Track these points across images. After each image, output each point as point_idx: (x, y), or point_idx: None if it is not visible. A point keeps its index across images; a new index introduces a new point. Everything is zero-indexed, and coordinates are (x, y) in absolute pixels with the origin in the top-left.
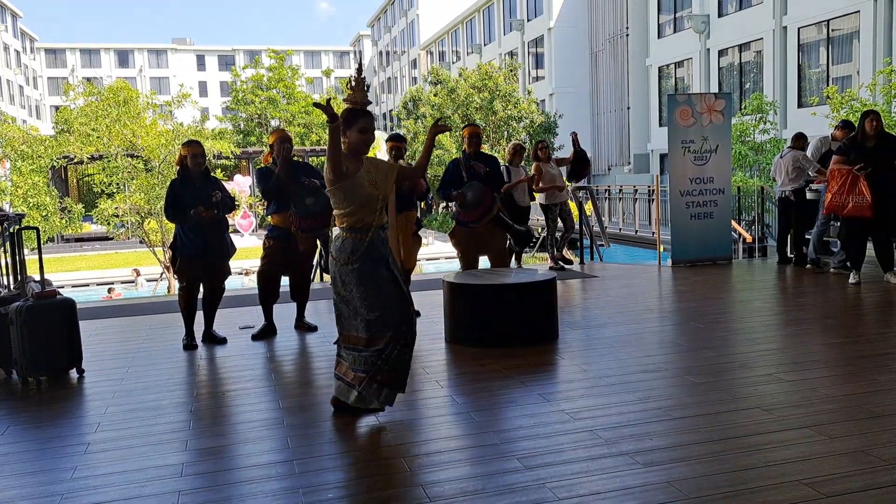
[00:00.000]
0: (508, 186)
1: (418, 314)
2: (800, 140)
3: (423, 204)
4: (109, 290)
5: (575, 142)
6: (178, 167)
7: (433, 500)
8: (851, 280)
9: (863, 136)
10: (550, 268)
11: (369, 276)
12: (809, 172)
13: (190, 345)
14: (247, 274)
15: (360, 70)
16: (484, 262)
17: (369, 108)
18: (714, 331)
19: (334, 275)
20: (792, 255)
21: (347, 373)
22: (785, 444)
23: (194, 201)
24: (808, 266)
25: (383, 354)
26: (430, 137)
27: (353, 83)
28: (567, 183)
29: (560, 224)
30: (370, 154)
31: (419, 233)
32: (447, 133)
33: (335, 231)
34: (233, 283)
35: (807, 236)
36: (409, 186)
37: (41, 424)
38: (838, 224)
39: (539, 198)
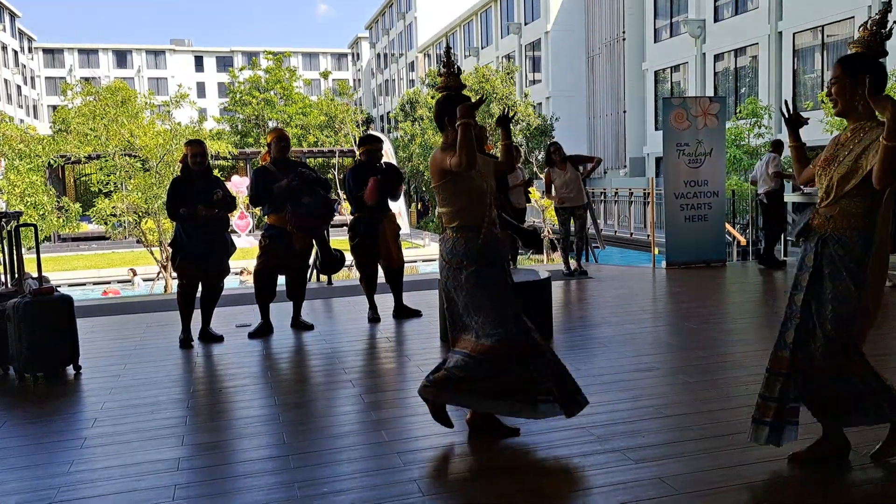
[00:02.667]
0: (504, 189)
1: (419, 314)
2: (778, 146)
3: (419, 206)
4: (104, 291)
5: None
6: (180, 165)
7: (426, 495)
8: None
9: None
10: (565, 273)
11: (485, 280)
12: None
13: (187, 342)
14: (245, 273)
15: (448, 53)
16: None
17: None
18: (707, 331)
19: (447, 282)
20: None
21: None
22: None
23: (195, 200)
24: None
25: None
26: (504, 132)
27: (444, 68)
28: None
29: (573, 228)
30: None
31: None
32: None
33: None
34: (231, 283)
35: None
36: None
37: (38, 420)
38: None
39: (554, 201)
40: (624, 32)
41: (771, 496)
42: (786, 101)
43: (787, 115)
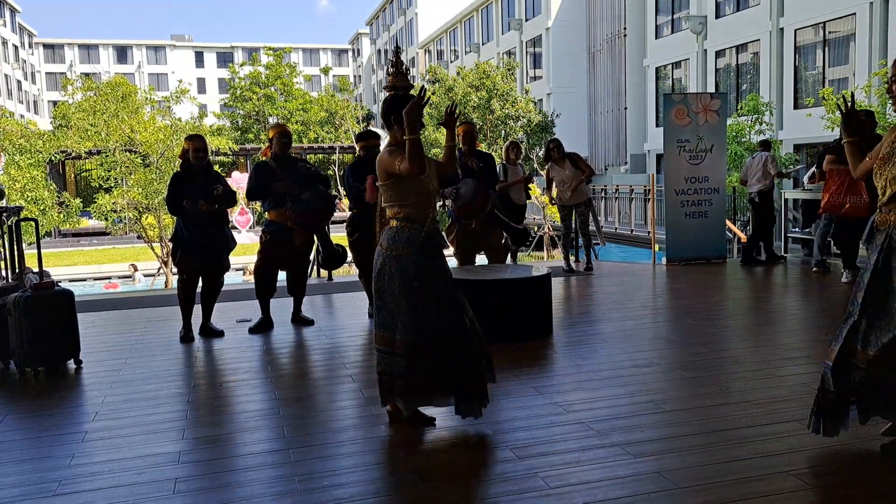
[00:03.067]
0: (504, 186)
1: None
2: (767, 145)
3: None
4: (105, 286)
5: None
6: (180, 160)
7: (426, 489)
8: (844, 279)
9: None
10: (565, 270)
11: (424, 271)
12: (804, 180)
13: (187, 337)
14: (247, 273)
15: (398, 53)
16: (480, 259)
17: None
18: (706, 327)
19: (381, 266)
20: (762, 256)
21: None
22: (774, 436)
23: (196, 195)
24: (814, 270)
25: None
26: (449, 133)
27: (392, 67)
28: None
29: (575, 227)
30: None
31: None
32: (444, 131)
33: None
34: (231, 279)
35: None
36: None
37: (39, 413)
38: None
39: (554, 198)
40: (625, 28)
41: (769, 491)
42: (843, 95)
43: (844, 110)
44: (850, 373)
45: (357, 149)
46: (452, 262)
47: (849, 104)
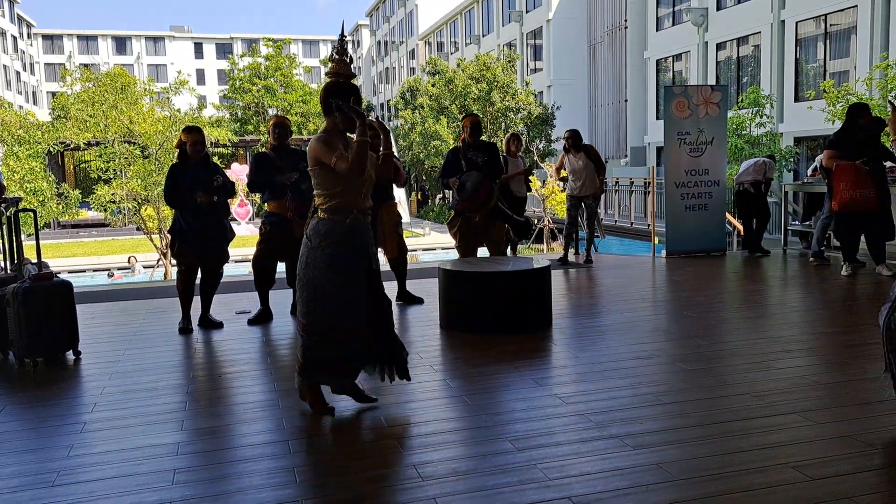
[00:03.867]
0: (504, 178)
1: (421, 301)
2: (773, 159)
3: (419, 195)
4: (110, 276)
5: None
6: (177, 151)
7: (425, 480)
8: (844, 272)
9: (854, 129)
10: (558, 261)
11: (340, 265)
12: (808, 172)
13: (186, 328)
14: (251, 274)
15: (342, 40)
16: (482, 252)
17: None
18: (706, 320)
19: (303, 257)
20: (766, 249)
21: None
22: (773, 428)
23: (195, 186)
24: (811, 260)
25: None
26: (385, 141)
27: (337, 55)
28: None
29: (582, 219)
30: None
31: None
32: (444, 123)
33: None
34: (231, 270)
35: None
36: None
37: (38, 404)
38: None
39: (567, 188)
40: (626, 21)
41: (768, 483)
42: (891, 101)
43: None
44: None
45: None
46: (451, 255)
47: None
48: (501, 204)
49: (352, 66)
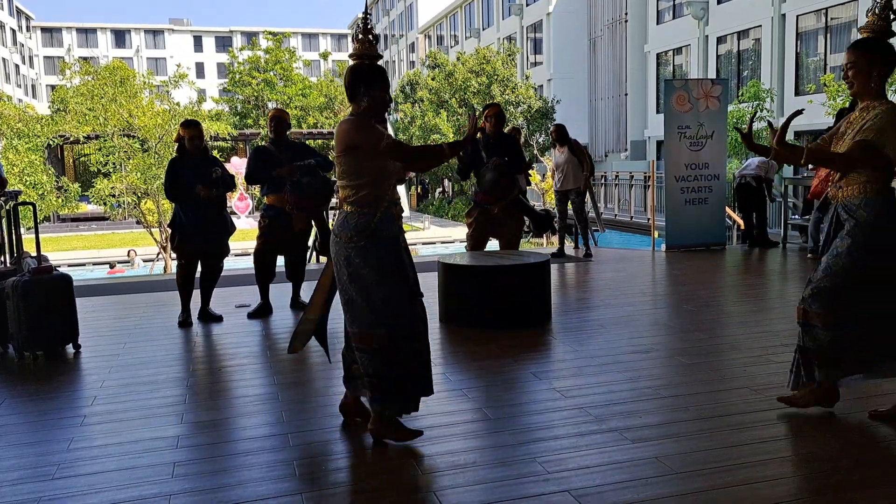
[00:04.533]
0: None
1: (421, 295)
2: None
3: (419, 189)
4: (112, 267)
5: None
6: (176, 145)
7: (425, 473)
8: None
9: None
10: (552, 255)
11: (382, 259)
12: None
13: (186, 322)
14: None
15: (366, 18)
16: (493, 245)
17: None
18: (705, 314)
19: (339, 259)
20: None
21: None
22: (772, 422)
23: (193, 180)
24: (809, 256)
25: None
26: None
27: (361, 34)
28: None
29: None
30: None
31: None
32: (444, 117)
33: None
34: (232, 264)
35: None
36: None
37: (38, 398)
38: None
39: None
40: (626, 14)
41: (767, 476)
42: (751, 117)
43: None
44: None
45: None
46: (451, 249)
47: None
48: (523, 197)
49: (377, 46)
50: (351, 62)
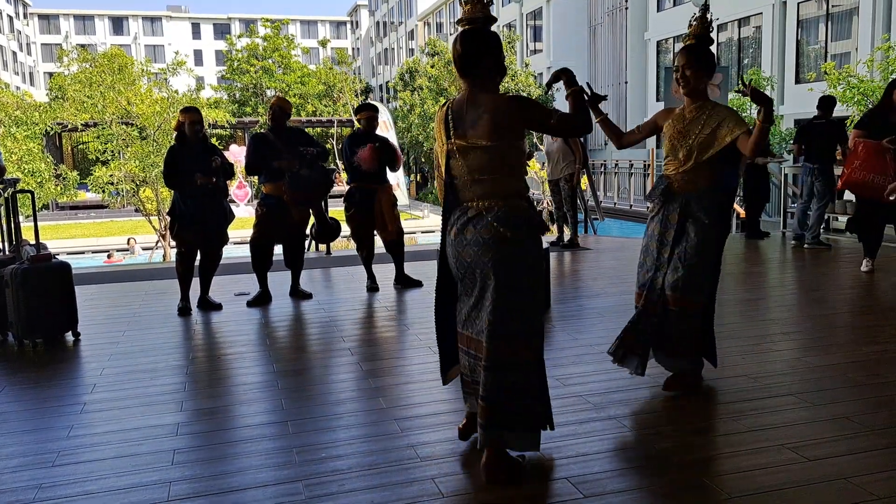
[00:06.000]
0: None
1: (420, 284)
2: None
3: (418, 177)
4: (109, 256)
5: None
6: (175, 133)
7: (423, 460)
8: (864, 268)
9: (887, 109)
10: (549, 243)
11: (537, 260)
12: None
13: (185, 310)
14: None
15: None
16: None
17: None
18: None
19: (494, 257)
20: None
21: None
22: (769, 410)
23: (193, 167)
24: (806, 247)
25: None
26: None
27: None
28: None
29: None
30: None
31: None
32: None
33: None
34: (231, 252)
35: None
36: (388, 158)
37: (37, 385)
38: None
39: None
40: (626, 1)
41: (763, 464)
42: (588, 83)
43: (589, 94)
44: None
45: (355, 120)
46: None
47: (592, 90)
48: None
49: (489, 7)
50: (462, 28)
